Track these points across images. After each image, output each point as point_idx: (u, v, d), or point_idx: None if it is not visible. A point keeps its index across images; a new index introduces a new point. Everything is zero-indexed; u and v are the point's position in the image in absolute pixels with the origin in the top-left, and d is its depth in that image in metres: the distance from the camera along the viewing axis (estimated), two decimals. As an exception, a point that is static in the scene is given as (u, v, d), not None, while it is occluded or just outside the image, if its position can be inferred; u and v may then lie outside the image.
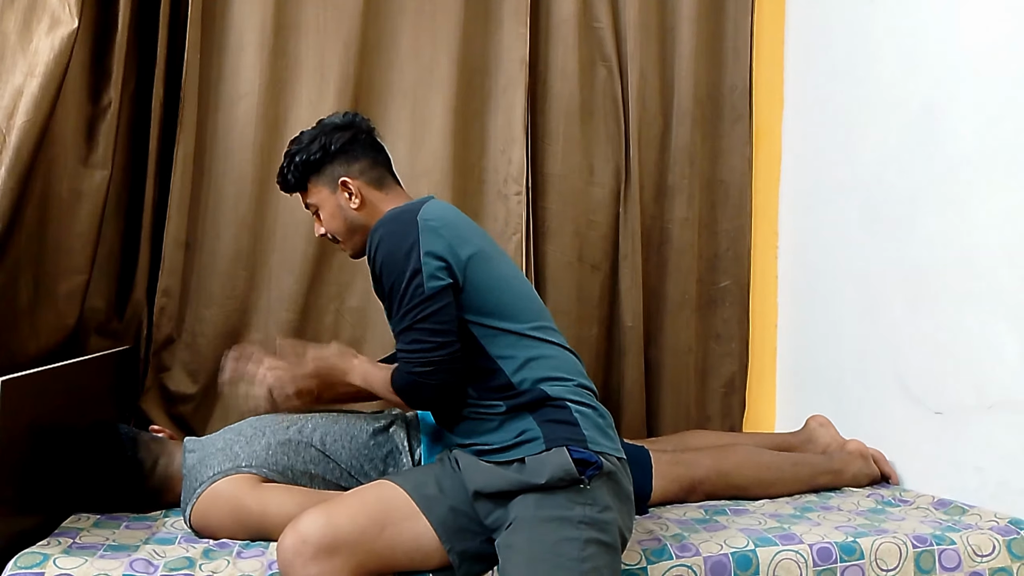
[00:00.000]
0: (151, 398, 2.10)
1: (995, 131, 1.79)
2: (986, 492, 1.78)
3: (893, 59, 2.08)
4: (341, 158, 1.56)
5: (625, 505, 1.37)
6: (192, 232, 2.16)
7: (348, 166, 1.56)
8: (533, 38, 2.37)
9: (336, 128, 1.58)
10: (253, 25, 2.18)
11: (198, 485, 1.57)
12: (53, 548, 1.42)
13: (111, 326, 2.06)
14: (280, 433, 1.65)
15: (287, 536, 1.29)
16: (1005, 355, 1.75)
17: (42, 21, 1.73)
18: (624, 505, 1.36)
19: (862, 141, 2.19)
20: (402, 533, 1.32)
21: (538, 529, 1.28)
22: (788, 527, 1.62)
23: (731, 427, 2.51)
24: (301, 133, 1.61)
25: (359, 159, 1.57)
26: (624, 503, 1.36)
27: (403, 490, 1.36)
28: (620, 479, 1.36)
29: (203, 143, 2.17)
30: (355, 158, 1.57)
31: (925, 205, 1.96)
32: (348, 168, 1.56)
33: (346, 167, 1.56)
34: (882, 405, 2.07)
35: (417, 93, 2.30)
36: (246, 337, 2.18)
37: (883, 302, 2.08)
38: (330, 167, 1.55)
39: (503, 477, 1.34)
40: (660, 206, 2.48)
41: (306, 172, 1.56)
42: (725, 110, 2.54)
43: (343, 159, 1.56)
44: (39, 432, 1.52)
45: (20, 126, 1.63)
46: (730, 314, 2.53)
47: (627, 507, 1.37)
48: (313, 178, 1.56)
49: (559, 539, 1.26)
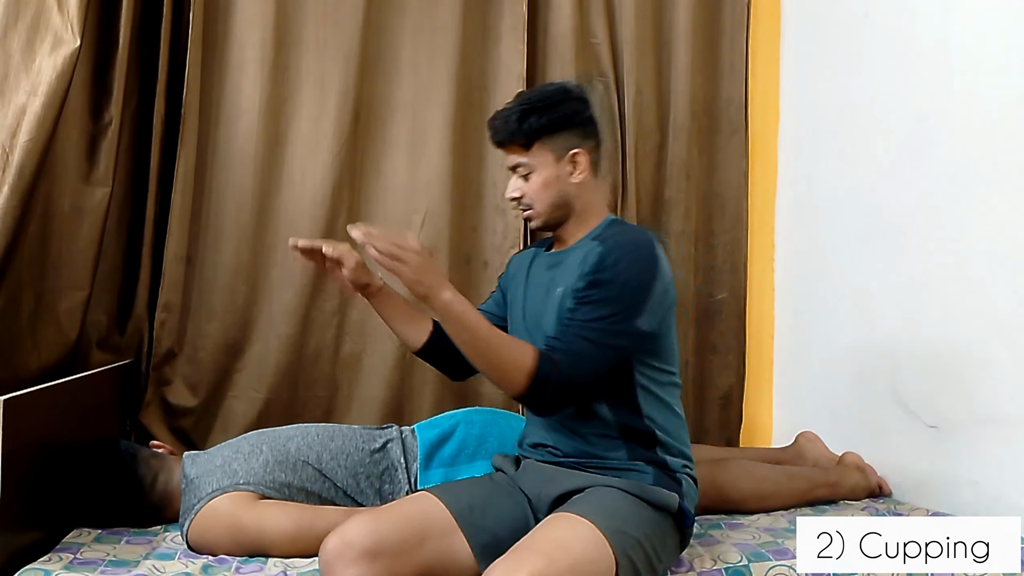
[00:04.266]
0: (152, 412, 2.11)
1: (989, 145, 1.80)
2: (981, 506, 1.78)
3: (888, 73, 2.10)
4: (579, 130, 1.49)
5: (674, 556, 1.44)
6: (193, 247, 2.18)
7: (583, 140, 1.49)
8: (531, 54, 2.39)
9: (577, 98, 1.51)
10: (253, 42, 2.21)
11: (196, 501, 1.58)
12: (54, 564, 1.44)
13: (112, 340, 2.08)
14: (278, 451, 1.66)
15: (331, 539, 1.31)
16: (999, 369, 1.76)
17: (45, 40, 1.76)
18: (674, 555, 1.43)
19: (857, 154, 2.21)
20: (440, 548, 1.34)
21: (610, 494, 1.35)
22: (782, 542, 1.63)
23: (728, 439, 2.52)
24: (534, 90, 1.55)
25: (592, 137, 1.51)
26: (675, 554, 1.43)
27: (447, 507, 1.38)
28: (685, 545, 1.45)
29: (204, 159, 2.19)
30: (590, 135, 1.51)
31: (920, 218, 1.97)
32: (582, 142, 1.49)
33: (580, 140, 1.48)
34: (877, 418, 2.08)
35: (416, 108, 2.32)
36: (247, 351, 2.20)
37: (878, 315, 2.10)
38: (565, 135, 1.47)
39: (599, 478, 1.39)
40: (657, 219, 2.50)
41: (539, 132, 1.45)
42: (721, 124, 2.56)
43: (581, 132, 1.49)
44: (41, 448, 1.54)
45: (23, 145, 1.66)
46: (727, 326, 2.54)
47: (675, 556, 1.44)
48: (544, 139, 1.46)
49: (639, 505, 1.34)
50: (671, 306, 1.44)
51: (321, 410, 2.24)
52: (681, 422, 1.50)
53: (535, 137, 1.45)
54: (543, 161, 1.46)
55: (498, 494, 1.45)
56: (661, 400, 1.45)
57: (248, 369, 2.20)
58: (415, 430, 1.81)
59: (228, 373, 2.20)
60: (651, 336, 1.40)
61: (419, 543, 1.33)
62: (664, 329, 1.43)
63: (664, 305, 1.41)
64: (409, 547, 1.32)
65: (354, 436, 1.75)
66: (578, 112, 1.49)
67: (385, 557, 1.29)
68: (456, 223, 2.32)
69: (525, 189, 1.49)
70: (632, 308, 1.36)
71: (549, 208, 1.49)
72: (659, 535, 1.35)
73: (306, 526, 1.52)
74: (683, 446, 1.49)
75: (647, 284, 1.37)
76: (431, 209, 2.29)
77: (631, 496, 1.36)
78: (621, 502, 1.34)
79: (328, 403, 2.24)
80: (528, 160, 1.47)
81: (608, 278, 1.37)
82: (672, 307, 1.44)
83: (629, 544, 1.28)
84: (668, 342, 1.46)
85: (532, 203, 1.49)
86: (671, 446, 1.45)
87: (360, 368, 2.27)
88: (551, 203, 1.48)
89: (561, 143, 1.46)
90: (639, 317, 1.36)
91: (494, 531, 1.36)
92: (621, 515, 1.31)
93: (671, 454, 1.45)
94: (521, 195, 1.49)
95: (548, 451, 1.49)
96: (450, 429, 1.75)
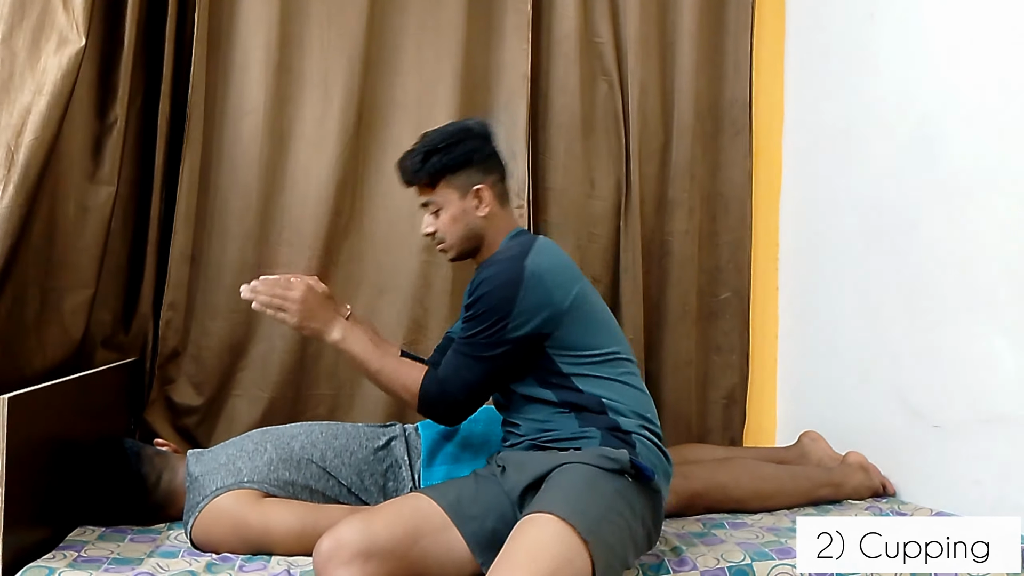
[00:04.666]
0: (156, 410, 2.12)
1: (993, 144, 1.80)
2: (984, 505, 1.78)
3: (892, 73, 2.10)
4: (481, 166, 1.60)
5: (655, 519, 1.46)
6: (198, 246, 2.18)
7: (484, 175, 1.60)
8: (535, 53, 2.39)
9: (477, 136, 1.61)
10: (258, 42, 2.21)
11: (200, 499, 1.59)
12: (59, 561, 1.44)
13: (117, 339, 2.09)
14: (282, 449, 1.67)
15: (325, 540, 1.33)
16: (1003, 369, 1.76)
17: (50, 40, 1.76)
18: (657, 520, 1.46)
19: (861, 154, 2.21)
20: (435, 544, 1.37)
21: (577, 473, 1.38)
22: (785, 541, 1.63)
23: (732, 439, 2.52)
24: (436, 131, 1.63)
25: (494, 171, 1.63)
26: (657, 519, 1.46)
27: (437, 503, 1.41)
28: (661, 503, 1.48)
29: (209, 158, 2.19)
30: (492, 170, 1.62)
31: (924, 218, 1.97)
32: (484, 177, 1.60)
33: (482, 176, 1.60)
34: (881, 418, 2.08)
35: (420, 108, 2.32)
36: (251, 350, 2.21)
37: (882, 315, 2.10)
38: (467, 173, 1.58)
39: (555, 458, 1.42)
40: (661, 219, 2.50)
41: (443, 172, 1.57)
42: (725, 124, 2.55)
43: (482, 168, 1.60)
44: (45, 446, 1.54)
45: (28, 144, 1.66)
46: (730, 326, 2.54)
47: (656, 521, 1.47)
48: (448, 178, 1.58)
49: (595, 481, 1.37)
50: (566, 304, 1.49)
51: (325, 408, 2.24)
52: (631, 389, 1.55)
53: (439, 176, 1.57)
54: (449, 198, 1.58)
55: (483, 484, 1.48)
56: (599, 377, 1.51)
57: (252, 368, 2.21)
58: (418, 428, 1.81)
59: (232, 372, 2.20)
60: (540, 336, 1.48)
61: (413, 541, 1.35)
62: (569, 321, 1.50)
63: (542, 308, 1.47)
64: (403, 546, 1.34)
65: (358, 434, 1.75)
66: (478, 149, 1.60)
67: (379, 557, 1.31)
68: (460, 222, 2.32)
69: (436, 225, 1.61)
70: (499, 322, 1.47)
71: (460, 241, 1.61)
72: (625, 501, 1.38)
73: (310, 524, 1.52)
74: (638, 408, 1.53)
75: (510, 298, 1.46)
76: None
77: (586, 468, 1.39)
78: (579, 481, 1.37)
79: (332, 401, 2.25)
80: (435, 198, 1.59)
81: (475, 300, 1.50)
82: (567, 304, 1.50)
83: (597, 525, 1.30)
84: (583, 331, 1.52)
85: (444, 237, 1.61)
86: (621, 409, 1.50)
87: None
88: (461, 236, 1.60)
89: (464, 180, 1.58)
90: (508, 327, 1.47)
91: (483, 519, 1.40)
92: (583, 498, 1.33)
93: (623, 415, 1.50)
94: (433, 231, 1.61)
95: (513, 433, 1.56)
96: (453, 427, 1.76)
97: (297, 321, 1.55)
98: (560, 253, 1.60)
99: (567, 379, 1.50)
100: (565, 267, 1.56)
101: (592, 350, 1.52)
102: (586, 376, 1.51)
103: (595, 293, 1.62)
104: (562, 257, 1.59)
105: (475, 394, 1.53)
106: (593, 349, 1.52)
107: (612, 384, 1.52)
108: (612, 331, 1.59)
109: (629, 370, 1.57)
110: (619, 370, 1.54)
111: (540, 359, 1.51)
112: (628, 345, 1.61)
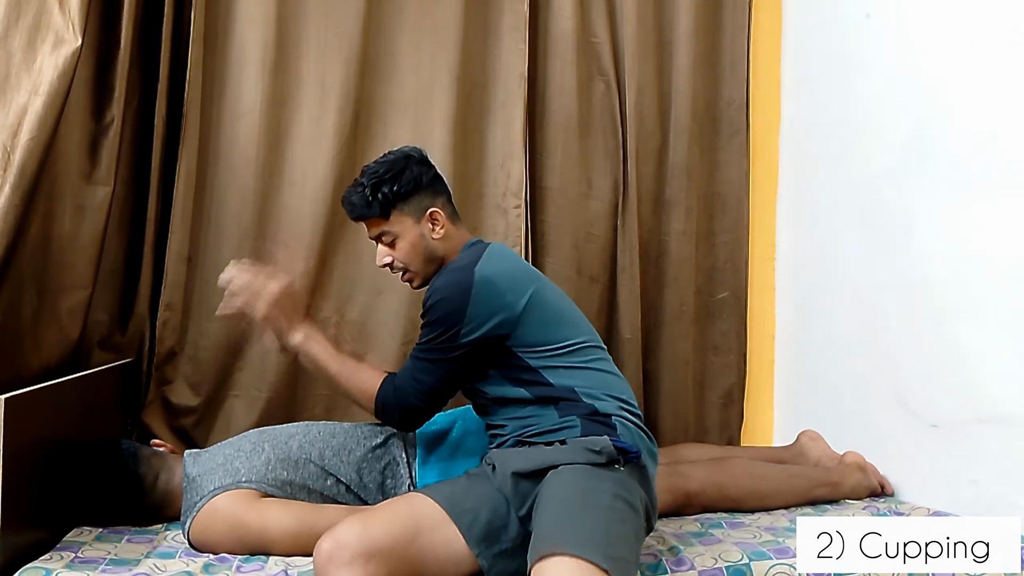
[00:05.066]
0: (153, 411, 2.11)
1: (991, 144, 1.80)
2: (981, 505, 1.79)
3: (889, 73, 2.10)
4: (429, 190, 1.63)
5: (652, 502, 1.47)
6: (194, 246, 2.18)
7: (434, 198, 1.64)
8: (532, 53, 2.39)
9: (419, 162, 1.64)
10: (255, 42, 2.21)
11: (198, 499, 1.58)
12: (55, 563, 1.44)
13: (114, 340, 2.08)
14: (280, 449, 1.66)
15: (325, 541, 1.34)
16: (1000, 368, 1.76)
17: (46, 40, 1.75)
18: (652, 500, 1.47)
19: (859, 154, 2.21)
20: (433, 541, 1.38)
21: (571, 486, 1.37)
22: (783, 540, 1.63)
23: (729, 439, 2.52)
24: (376, 163, 1.65)
25: (442, 193, 1.67)
26: (652, 499, 1.47)
27: (434, 501, 1.42)
28: (651, 480, 1.49)
29: (205, 159, 2.19)
30: (439, 191, 1.66)
31: (921, 218, 1.98)
32: (434, 199, 1.64)
33: (432, 198, 1.63)
34: (878, 417, 2.08)
35: (417, 108, 2.32)
36: (248, 350, 2.21)
37: (880, 315, 2.10)
38: (418, 198, 1.61)
39: (542, 454, 1.43)
40: (658, 219, 2.50)
41: (394, 201, 1.59)
42: (722, 124, 2.56)
43: (430, 191, 1.63)
44: (42, 447, 1.54)
45: (24, 144, 1.65)
46: (728, 326, 2.54)
47: (654, 506, 1.48)
48: (399, 206, 1.60)
49: (589, 489, 1.36)
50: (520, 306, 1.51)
51: (322, 408, 2.23)
52: (603, 373, 1.56)
53: (391, 206, 1.60)
54: (404, 226, 1.61)
55: (475, 482, 1.49)
56: (568, 367, 1.53)
57: (249, 368, 2.20)
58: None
59: (229, 372, 2.20)
60: (498, 338, 1.51)
61: (412, 539, 1.36)
62: (528, 321, 1.52)
63: (495, 312, 1.50)
64: (402, 544, 1.35)
65: (356, 432, 1.75)
66: (423, 173, 1.63)
67: (380, 556, 1.32)
68: (457, 222, 2.32)
69: (394, 255, 1.63)
70: (452, 327, 1.50)
71: (423, 266, 1.64)
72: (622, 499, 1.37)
73: (308, 524, 1.52)
74: (612, 392, 1.53)
75: (461, 304, 1.50)
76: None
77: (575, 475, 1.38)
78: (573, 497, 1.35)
79: (329, 401, 2.24)
80: (390, 228, 1.61)
81: (428, 308, 1.54)
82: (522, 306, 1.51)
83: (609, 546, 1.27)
84: (544, 328, 1.54)
85: (406, 266, 1.64)
86: (596, 394, 1.51)
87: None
88: (423, 261, 1.63)
89: (416, 205, 1.61)
90: (461, 332, 1.50)
91: (476, 512, 1.40)
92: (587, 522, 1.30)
93: (599, 399, 1.51)
94: (392, 261, 1.64)
95: (498, 435, 1.57)
96: (448, 425, 1.76)
97: (264, 314, 1.59)
98: (512, 258, 1.64)
99: (537, 373, 1.51)
100: (517, 271, 1.59)
101: (557, 343, 1.53)
102: (555, 368, 1.52)
103: (555, 291, 1.64)
104: (514, 262, 1.62)
105: (431, 399, 1.56)
106: (558, 342, 1.53)
107: (582, 372, 1.53)
108: (576, 323, 1.60)
109: (598, 356, 1.58)
110: (587, 357, 1.55)
111: (506, 357, 1.52)
112: (596, 334, 1.62)
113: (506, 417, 1.55)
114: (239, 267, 1.62)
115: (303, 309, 1.65)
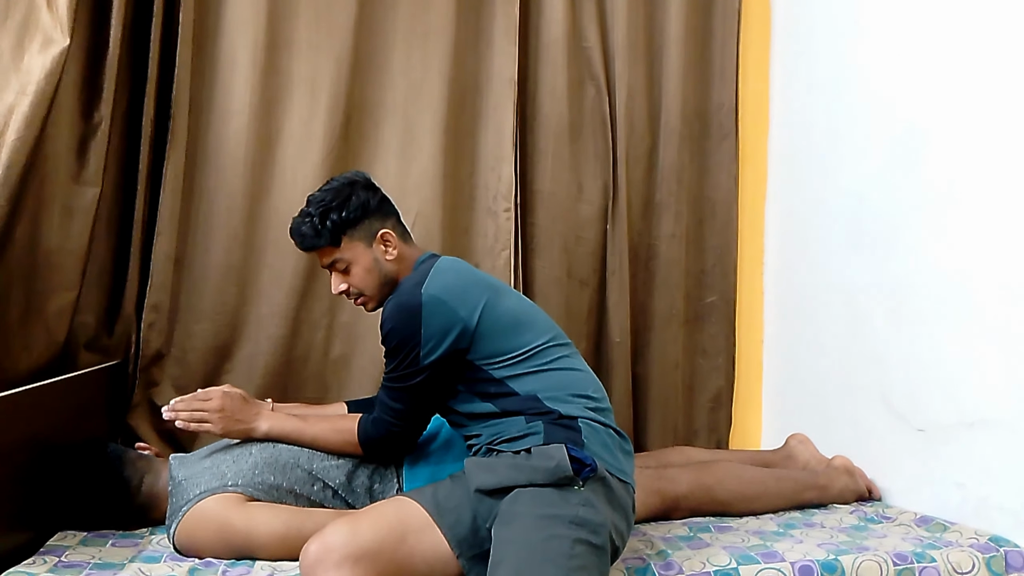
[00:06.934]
0: (139, 413, 2.10)
1: (979, 150, 1.81)
2: (968, 508, 1.80)
3: (879, 79, 2.11)
4: (378, 214, 1.63)
5: (620, 514, 1.42)
6: (182, 248, 2.17)
7: (384, 220, 1.64)
8: (523, 57, 2.39)
9: (364, 186, 1.64)
10: (245, 43, 2.20)
11: (184, 503, 1.57)
12: (39, 567, 1.43)
13: (101, 342, 2.07)
14: (267, 452, 1.66)
15: (312, 544, 1.34)
16: (986, 373, 1.77)
17: (35, 40, 1.75)
18: (618, 513, 1.42)
19: (847, 159, 2.22)
20: (420, 544, 1.37)
21: (530, 524, 1.34)
22: (771, 544, 1.64)
23: (718, 442, 2.53)
24: (321, 192, 1.63)
25: (391, 214, 1.67)
26: (618, 511, 1.42)
27: (419, 504, 1.42)
28: (615, 488, 1.43)
29: (194, 160, 2.18)
30: (388, 213, 1.66)
31: (909, 223, 1.99)
32: (384, 221, 1.64)
33: (382, 221, 1.63)
34: (866, 421, 2.09)
35: (408, 111, 2.32)
36: (236, 352, 2.20)
37: (867, 319, 2.11)
38: (368, 222, 1.61)
39: (504, 473, 1.41)
40: (647, 223, 2.51)
41: (344, 227, 1.59)
42: (712, 128, 2.57)
43: (379, 214, 1.63)
44: (27, 450, 1.53)
45: (11, 144, 1.65)
46: (717, 330, 2.55)
47: (623, 516, 1.43)
48: (350, 232, 1.60)
49: (549, 535, 1.32)
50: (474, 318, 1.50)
51: (310, 412, 2.23)
52: (565, 372, 1.54)
53: (341, 232, 1.59)
54: (357, 251, 1.61)
55: (457, 484, 1.48)
56: (530, 372, 1.52)
57: (237, 371, 2.19)
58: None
59: (217, 375, 2.19)
60: (458, 352, 1.50)
61: (399, 542, 1.36)
62: (485, 332, 1.51)
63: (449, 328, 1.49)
64: (390, 547, 1.35)
65: (344, 437, 1.74)
66: (370, 198, 1.63)
67: (367, 559, 1.32)
68: (447, 225, 2.32)
69: (350, 281, 1.63)
70: (411, 352, 1.49)
71: (379, 289, 1.63)
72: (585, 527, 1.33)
73: (295, 529, 1.51)
74: (575, 389, 1.52)
75: (414, 327, 1.49)
76: (422, 211, 2.29)
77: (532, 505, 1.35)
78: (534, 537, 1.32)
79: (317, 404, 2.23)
80: (342, 255, 1.61)
81: (384, 337, 1.53)
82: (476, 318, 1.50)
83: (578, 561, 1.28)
84: (503, 337, 1.52)
85: (362, 291, 1.64)
86: (559, 396, 1.50)
87: (349, 370, 2.27)
88: (378, 284, 1.63)
89: (367, 230, 1.61)
90: (421, 354, 1.49)
91: (459, 513, 1.40)
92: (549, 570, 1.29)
93: (562, 401, 1.49)
94: (347, 287, 1.63)
95: (474, 445, 1.56)
96: (435, 429, 1.76)
97: (222, 428, 1.64)
98: (462, 271, 1.62)
99: (502, 384, 1.51)
100: (466, 283, 1.57)
101: (518, 350, 1.52)
102: (518, 376, 1.51)
103: (511, 296, 1.63)
104: (463, 275, 1.60)
105: (411, 422, 1.59)
106: (519, 349, 1.53)
107: (544, 375, 1.52)
108: (535, 325, 1.58)
109: (562, 354, 1.57)
110: (549, 358, 1.54)
111: (469, 371, 1.52)
112: (560, 331, 1.62)
113: (478, 429, 1.55)
114: (171, 404, 1.64)
115: (252, 405, 1.69)
